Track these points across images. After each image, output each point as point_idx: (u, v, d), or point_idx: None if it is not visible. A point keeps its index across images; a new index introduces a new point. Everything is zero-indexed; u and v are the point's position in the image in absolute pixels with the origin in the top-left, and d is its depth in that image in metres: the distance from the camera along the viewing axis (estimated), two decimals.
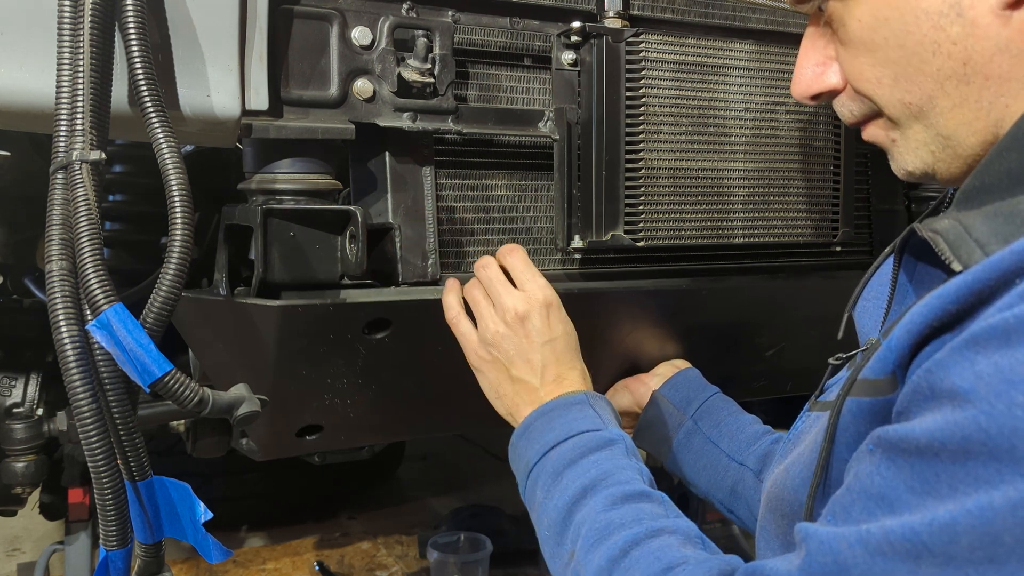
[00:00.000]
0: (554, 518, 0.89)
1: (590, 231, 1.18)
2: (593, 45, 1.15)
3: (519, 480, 0.98)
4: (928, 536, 0.54)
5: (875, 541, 0.57)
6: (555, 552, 0.88)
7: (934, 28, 0.71)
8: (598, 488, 0.88)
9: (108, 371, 0.85)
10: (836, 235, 1.36)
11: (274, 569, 2.25)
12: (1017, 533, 0.51)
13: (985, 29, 0.69)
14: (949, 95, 0.72)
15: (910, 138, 0.78)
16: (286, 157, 1.04)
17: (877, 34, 0.74)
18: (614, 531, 0.82)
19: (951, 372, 0.57)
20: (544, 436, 0.95)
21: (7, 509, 1.66)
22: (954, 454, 0.55)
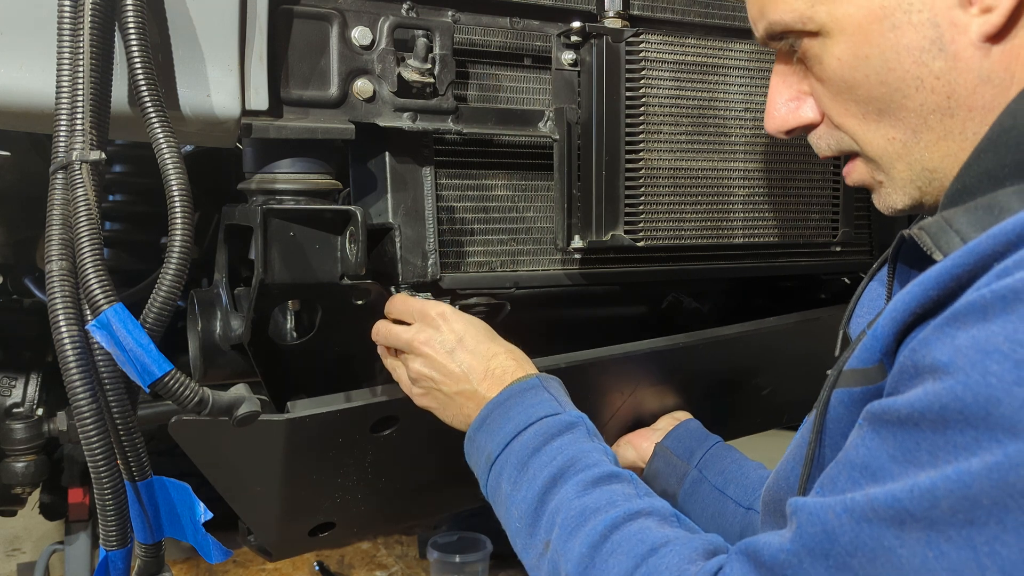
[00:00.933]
0: (524, 509, 0.88)
1: (590, 231, 1.18)
2: (593, 45, 1.15)
3: (479, 473, 0.97)
4: (910, 502, 0.56)
5: (860, 509, 0.59)
6: (527, 543, 0.88)
7: (916, 64, 0.71)
8: (568, 474, 0.87)
9: (108, 371, 0.85)
10: (836, 235, 1.36)
11: (274, 569, 2.25)
12: (993, 495, 0.53)
13: (967, 62, 0.70)
14: (933, 129, 0.73)
15: (895, 178, 0.79)
16: (286, 157, 1.04)
17: (858, 72, 0.74)
18: (591, 516, 0.82)
19: (932, 348, 0.59)
20: (504, 427, 0.94)
21: (7, 509, 1.66)
22: (933, 423, 0.57)
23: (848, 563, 0.59)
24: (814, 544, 0.61)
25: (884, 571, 0.57)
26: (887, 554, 0.57)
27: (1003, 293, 0.56)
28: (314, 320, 1.13)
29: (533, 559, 0.87)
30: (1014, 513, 0.52)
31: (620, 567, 0.77)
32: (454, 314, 1.03)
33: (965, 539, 0.54)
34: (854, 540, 0.59)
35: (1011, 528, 0.52)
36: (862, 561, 0.58)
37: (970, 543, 0.53)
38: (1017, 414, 0.53)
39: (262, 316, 1.09)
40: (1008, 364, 0.54)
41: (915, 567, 0.55)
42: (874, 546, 0.57)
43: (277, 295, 1.05)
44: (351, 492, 1.15)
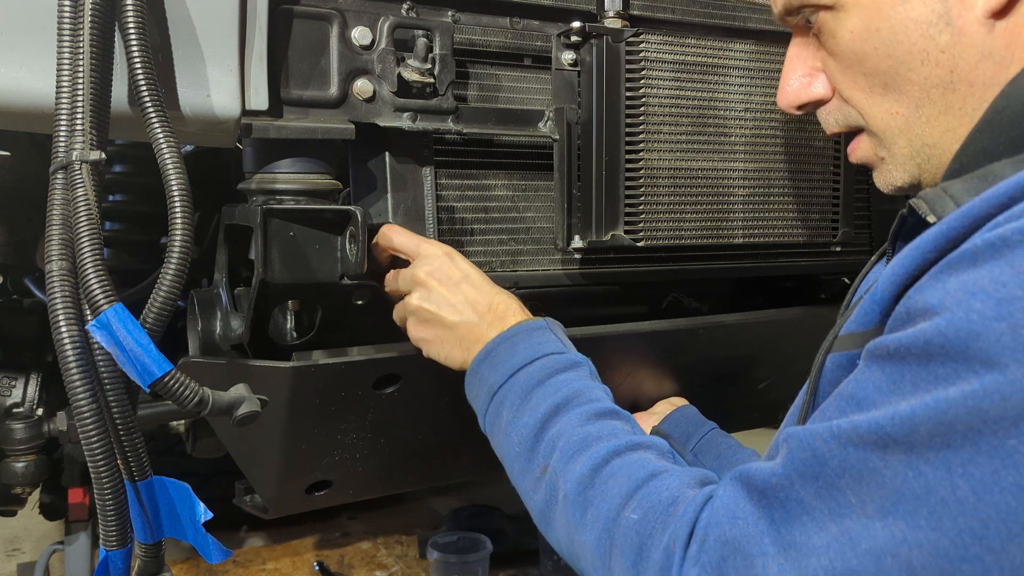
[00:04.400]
0: (525, 435, 0.89)
1: (590, 231, 1.18)
2: (593, 45, 1.15)
3: (479, 404, 0.97)
4: (891, 428, 0.59)
5: (845, 434, 0.62)
6: (525, 468, 0.89)
7: (923, 37, 0.74)
8: (571, 405, 0.89)
9: (108, 371, 0.85)
10: (836, 235, 1.36)
11: (274, 569, 2.25)
12: (968, 421, 0.56)
13: (971, 37, 0.73)
14: (935, 103, 0.76)
15: (896, 154, 0.82)
16: (286, 157, 1.04)
17: (868, 44, 0.77)
18: (593, 443, 0.84)
19: (924, 294, 0.62)
20: (509, 360, 0.95)
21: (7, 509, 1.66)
22: (918, 357, 0.60)
23: (836, 483, 0.62)
24: (804, 467, 0.64)
25: (869, 490, 0.60)
26: (872, 475, 0.60)
27: (993, 241, 0.59)
28: (314, 320, 1.12)
29: (530, 483, 0.88)
30: (987, 438, 0.55)
31: (620, 487, 0.78)
32: (461, 256, 1.04)
33: (941, 460, 0.57)
34: (842, 463, 0.62)
35: (984, 451, 0.55)
36: (849, 481, 0.61)
37: (946, 464, 0.57)
38: (994, 347, 0.56)
39: (262, 316, 1.09)
40: (990, 302, 0.57)
41: (897, 486, 0.58)
42: (860, 468, 0.60)
43: (277, 295, 1.05)
44: (350, 451, 1.15)
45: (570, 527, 0.81)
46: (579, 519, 0.80)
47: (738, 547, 0.65)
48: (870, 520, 0.59)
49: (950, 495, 0.56)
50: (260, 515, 1.22)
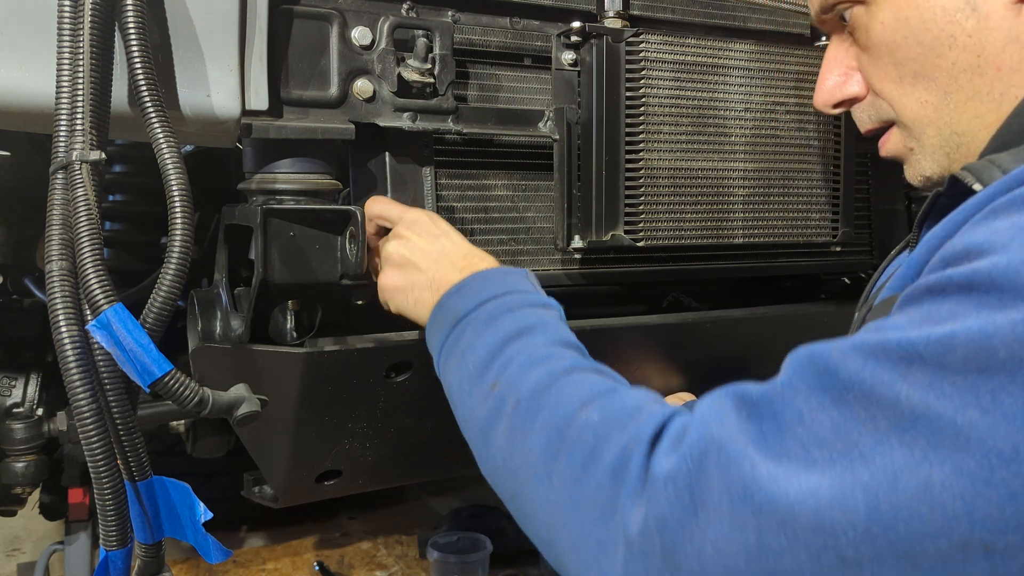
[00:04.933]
0: (482, 353, 0.82)
1: (590, 231, 1.18)
2: (593, 45, 1.15)
3: (439, 335, 0.90)
4: (924, 346, 0.55)
5: (869, 347, 0.57)
6: (472, 388, 0.81)
7: (950, 23, 0.76)
8: (537, 331, 0.83)
9: (108, 371, 0.85)
10: (836, 235, 1.36)
11: (274, 569, 2.25)
12: (1014, 348, 0.52)
13: (998, 22, 0.75)
14: (963, 88, 0.78)
15: (926, 144, 0.83)
16: (286, 157, 1.04)
17: (898, 33, 0.80)
18: (556, 359, 0.78)
19: (967, 236, 0.59)
20: (482, 292, 0.89)
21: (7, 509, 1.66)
22: (960, 288, 0.57)
23: (844, 396, 0.57)
24: (813, 380, 0.59)
25: (882, 405, 0.55)
26: (887, 389, 0.55)
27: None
28: (314, 320, 1.12)
29: (474, 402, 0.81)
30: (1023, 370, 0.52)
31: (581, 393, 0.73)
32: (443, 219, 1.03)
33: (970, 385, 0.53)
34: (854, 375, 0.57)
35: (1019, 382, 0.52)
36: (859, 395, 0.56)
37: (973, 389, 0.53)
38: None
39: (262, 316, 1.09)
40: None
41: (915, 404, 0.54)
42: (873, 381, 0.56)
43: (277, 295, 1.05)
44: (360, 440, 1.15)
45: (514, 436, 0.74)
46: (527, 424, 0.73)
47: (721, 446, 0.59)
48: (883, 435, 0.54)
49: (979, 418, 0.52)
50: (270, 505, 1.22)
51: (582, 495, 0.66)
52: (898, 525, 0.53)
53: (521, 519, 0.74)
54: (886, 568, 0.53)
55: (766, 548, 0.55)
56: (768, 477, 0.56)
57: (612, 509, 0.63)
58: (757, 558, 0.56)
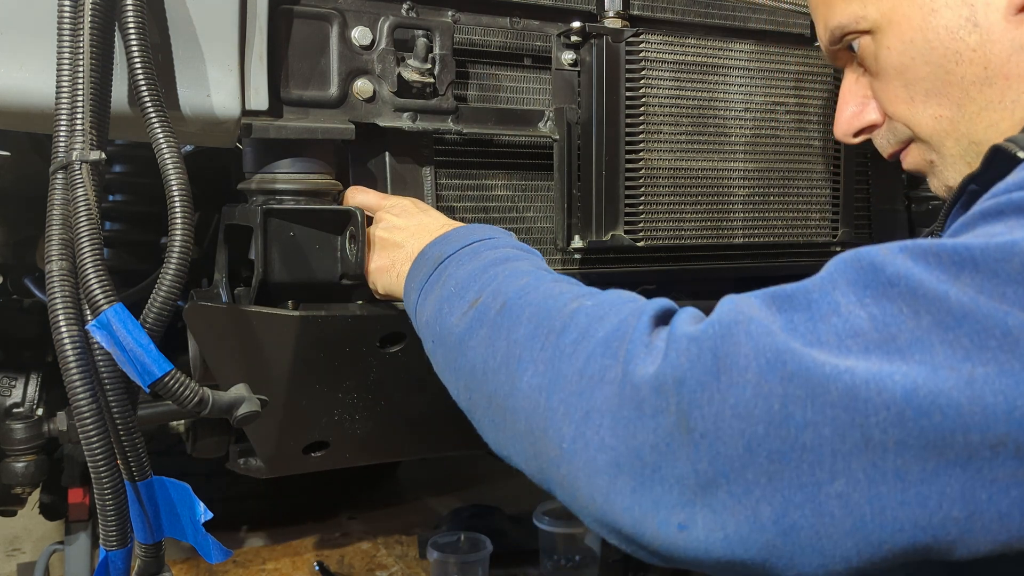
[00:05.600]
0: (463, 277, 0.78)
1: (590, 231, 1.18)
2: (593, 45, 1.15)
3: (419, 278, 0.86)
4: (981, 252, 0.53)
5: (922, 250, 0.55)
6: (451, 307, 0.77)
7: (954, 40, 0.79)
8: (522, 259, 0.81)
9: (108, 371, 0.85)
10: (836, 235, 1.36)
11: (274, 569, 2.25)
12: None
13: (1000, 34, 0.77)
14: (975, 100, 0.80)
15: (946, 155, 0.85)
16: (286, 157, 1.04)
17: (905, 56, 0.82)
18: (543, 274, 0.76)
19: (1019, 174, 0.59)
20: (465, 238, 0.86)
21: (7, 509, 1.66)
22: (1017, 208, 0.56)
23: (887, 292, 0.54)
24: (854, 275, 0.56)
25: (926, 303, 0.53)
26: (933, 288, 0.53)
27: None
28: None
29: (446, 327, 0.76)
30: None
31: (572, 290, 0.70)
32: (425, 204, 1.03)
33: (1019, 296, 0.52)
34: (902, 272, 0.54)
35: None
36: (903, 291, 0.54)
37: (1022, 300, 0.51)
38: None
39: None
40: None
41: (963, 304, 0.52)
42: (922, 279, 0.54)
43: (277, 295, 1.05)
44: (350, 411, 1.14)
45: (496, 335, 0.69)
46: (513, 320, 0.68)
47: (752, 318, 0.56)
48: (925, 332, 0.52)
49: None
50: (257, 476, 1.22)
51: (569, 370, 0.61)
52: (934, 412, 0.51)
53: (496, 426, 0.68)
54: (908, 455, 0.52)
55: (790, 418, 0.53)
56: (802, 351, 0.54)
57: (601, 378, 0.59)
58: (778, 427, 0.53)
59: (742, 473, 0.54)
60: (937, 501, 0.52)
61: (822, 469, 0.53)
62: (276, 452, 1.17)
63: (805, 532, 0.53)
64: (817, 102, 1.31)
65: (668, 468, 0.56)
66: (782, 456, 0.53)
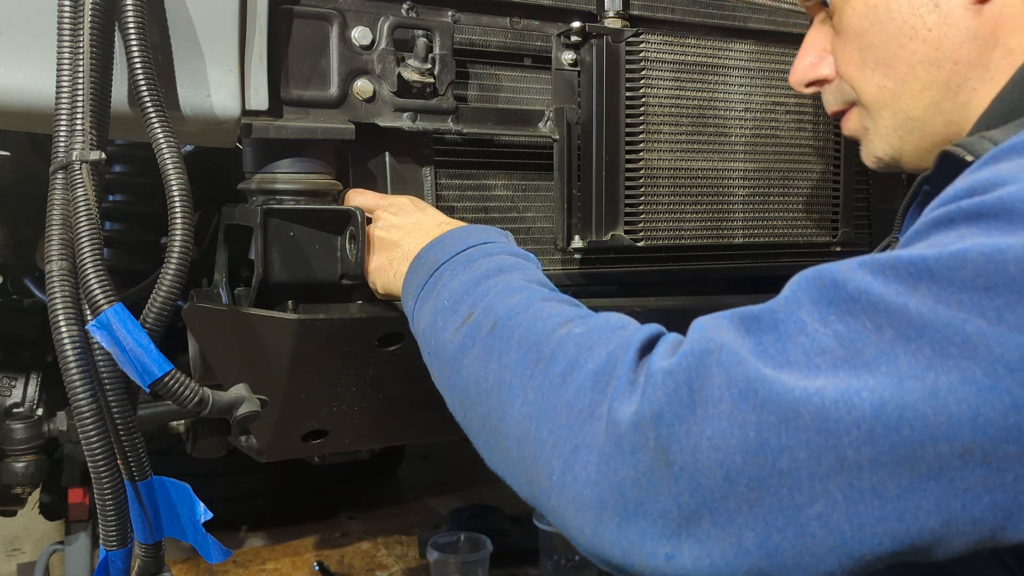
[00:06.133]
0: (457, 288, 0.80)
1: (590, 231, 1.18)
2: (593, 45, 1.15)
3: (415, 284, 0.87)
4: (935, 262, 0.55)
5: (880, 264, 0.57)
6: (445, 321, 0.78)
7: (913, 15, 0.81)
8: (516, 270, 0.81)
9: (108, 371, 0.85)
10: (836, 235, 1.36)
11: (274, 569, 2.25)
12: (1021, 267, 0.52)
13: (957, 19, 0.79)
14: (920, 78, 0.82)
15: (880, 125, 0.87)
16: (286, 157, 1.04)
17: (866, 20, 0.84)
18: (535, 290, 0.76)
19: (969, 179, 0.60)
20: (462, 242, 0.87)
21: (7, 509, 1.66)
22: (968, 216, 0.57)
23: (850, 308, 0.56)
24: (817, 293, 0.58)
25: (889, 316, 0.55)
26: (893, 300, 0.55)
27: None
28: None
29: (441, 341, 0.78)
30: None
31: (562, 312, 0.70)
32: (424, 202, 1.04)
33: (975, 303, 0.53)
34: (863, 287, 0.56)
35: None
36: (865, 306, 0.55)
37: (978, 306, 0.53)
38: None
39: None
40: None
41: (922, 314, 0.54)
42: (882, 293, 0.55)
43: (277, 295, 1.05)
44: (348, 403, 1.14)
45: (489, 356, 0.70)
46: (504, 342, 0.70)
47: (724, 346, 0.57)
48: (888, 344, 0.54)
49: (988, 328, 0.52)
50: (255, 457, 1.22)
51: (559, 402, 0.63)
52: (903, 427, 0.52)
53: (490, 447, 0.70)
54: (883, 472, 0.53)
55: (765, 445, 0.54)
56: (772, 377, 0.55)
57: (591, 413, 0.61)
58: (755, 455, 0.54)
59: (723, 503, 0.55)
60: (914, 514, 0.53)
61: (801, 493, 0.54)
62: (274, 440, 1.18)
63: (788, 553, 0.55)
64: (817, 102, 1.31)
65: (651, 503, 0.57)
66: (761, 483, 0.54)
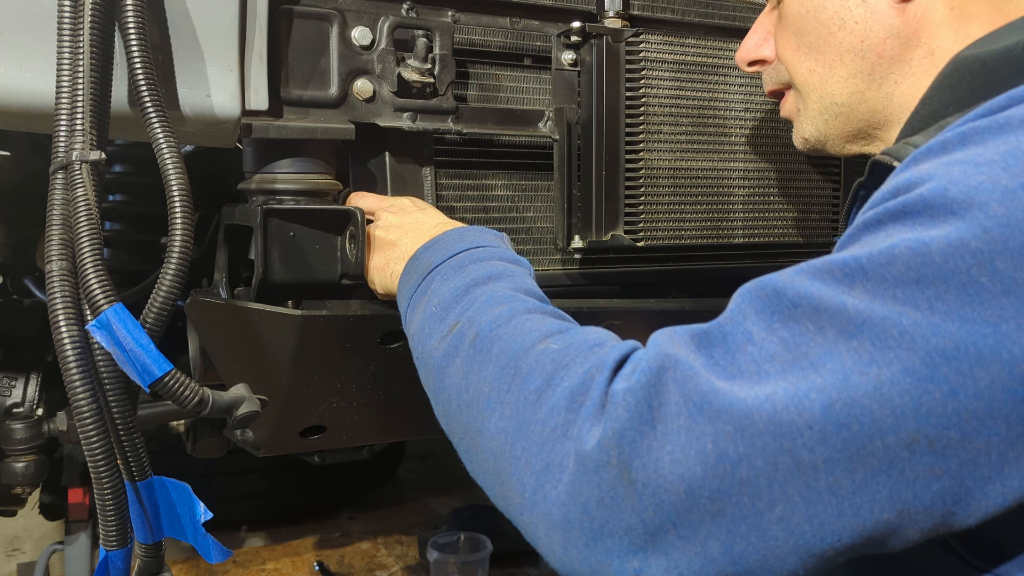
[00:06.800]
0: (445, 296, 0.81)
1: (590, 231, 1.18)
2: (593, 45, 1.15)
3: (408, 287, 0.89)
4: (867, 260, 0.58)
5: (815, 269, 0.60)
6: (431, 329, 0.80)
7: (843, 7, 0.86)
8: (505, 278, 0.82)
9: (108, 371, 0.85)
10: (836, 235, 1.36)
11: (274, 569, 2.25)
12: (945, 258, 0.55)
13: (882, 16, 0.84)
14: (846, 65, 0.87)
15: (809, 108, 0.93)
16: (286, 157, 1.04)
17: (802, 8, 0.90)
18: (519, 300, 0.77)
19: (893, 181, 0.63)
20: (454, 246, 0.88)
21: (7, 509, 1.66)
22: (894, 215, 0.60)
23: (792, 314, 0.59)
24: (760, 304, 0.60)
25: (829, 317, 0.57)
26: (832, 301, 0.57)
27: (963, 131, 0.62)
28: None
29: (432, 343, 0.79)
30: (959, 275, 0.55)
31: (542, 327, 0.71)
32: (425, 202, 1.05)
33: (908, 296, 0.56)
34: (802, 292, 0.59)
35: (954, 287, 0.55)
36: (806, 310, 0.58)
37: (911, 299, 0.56)
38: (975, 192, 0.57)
39: None
40: (969, 167, 0.58)
41: (861, 311, 0.56)
42: (821, 295, 0.58)
43: (277, 295, 1.05)
44: (348, 399, 1.14)
45: (469, 368, 0.72)
46: (484, 355, 0.71)
47: (678, 361, 0.59)
48: (832, 344, 0.56)
49: (922, 319, 0.55)
50: (252, 451, 1.22)
51: (533, 419, 0.64)
52: (852, 423, 0.55)
53: (470, 457, 0.71)
54: (838, 471, 0.55)
55: (723, 455, 0.56)
56: (725, 388, 0.57)
57: (564, 433, 0.62)
58: (714, 466, 0.56)
59: (687, 516, 0.56)
60: (869, 508, 0.55)
61: (761, 499, 0.56)
62: (272, 434, 1.18)
63: (753, 558, 0.56)
64: None
65: (616, 521, 0.58)
66: (722, 493, 0.56)
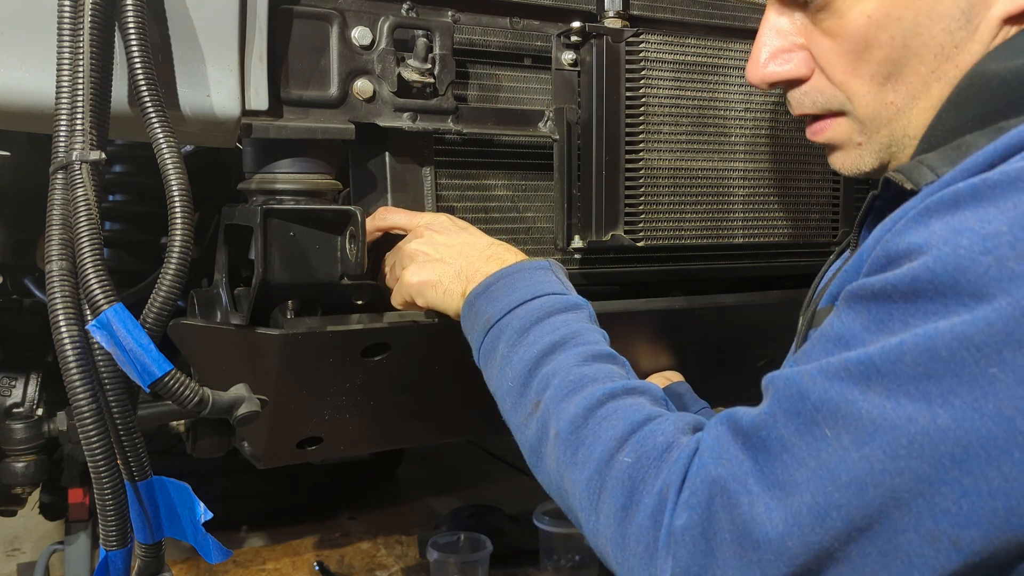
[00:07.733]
0: (519, 370, 0.86)
1: (590, 231, 1.18)
2: (593, 45, 1.15)
3: (474, 337, 0.94)
4: (879, 359, 0.60)
5: (833, 368, 0.62)
6: (517, 403, 0.86)
7: (944, 31, 0.72)
8: (568, 345, 0.86)
9: (108, 371, 0.85)
10: (836, 235, 1.36)
11: (274, 569, 2.25)
12: (952, 351, 0.56)
13: (982, 35, 0.72)
14: (932, 96, 0.74)
15: (875, 142, 0.80)
16: (286, 157, 1.04)
17: (885, 32, 0.73)
18: (588, 384, 0.81)
19: (907, 236, 0.62)
20: (509, 295, 0.92)
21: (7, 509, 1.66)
22: (905, 295, 0.61)
23: (814, 418, 0.61)
24: (788, 405, 0.63)
25: (844, 422, 0.60)
26: (848, 406, 0.60)
27: (975, 184, 0.60)
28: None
29: (521, 418, 0.86)
30: (969, 367, 0.56)
31: (614, 430, 0.76)
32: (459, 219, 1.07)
33: (921, 393, 0.57)
34: (822, 396, 0.61)
35: (965, 380, 0.56)
36: (826, 415, 0.61)
37: (926, 396, 0.57)
38: (982, 279, 0.57)
39: (262, 316, 1.09)
40: (976, 237, 0.58)
41: (873, 417, 0.58)
42: (839, 400, 0.60)
43: (277, 295, 1.06)
44: (340, 411, 1.16)
45: (560, 465, 0.79)
46: (570, 457, 0.77)
47: (724, 486, 0.64)
48: (846, 452, 0.59)
49: (930, 423, 0.56)
50: (254, 463, 1.23)
51: (627, 535, 0.70)
52: (872, 526, 0.58)
53: (576, 525, 0.79)
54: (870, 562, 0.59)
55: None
56: (763, 513, 0.62)
57: (655, 550, 0.68)
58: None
59: None
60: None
61: None
62: (269, 449, 1.18)
63: None
64: None
65: None
66: None
